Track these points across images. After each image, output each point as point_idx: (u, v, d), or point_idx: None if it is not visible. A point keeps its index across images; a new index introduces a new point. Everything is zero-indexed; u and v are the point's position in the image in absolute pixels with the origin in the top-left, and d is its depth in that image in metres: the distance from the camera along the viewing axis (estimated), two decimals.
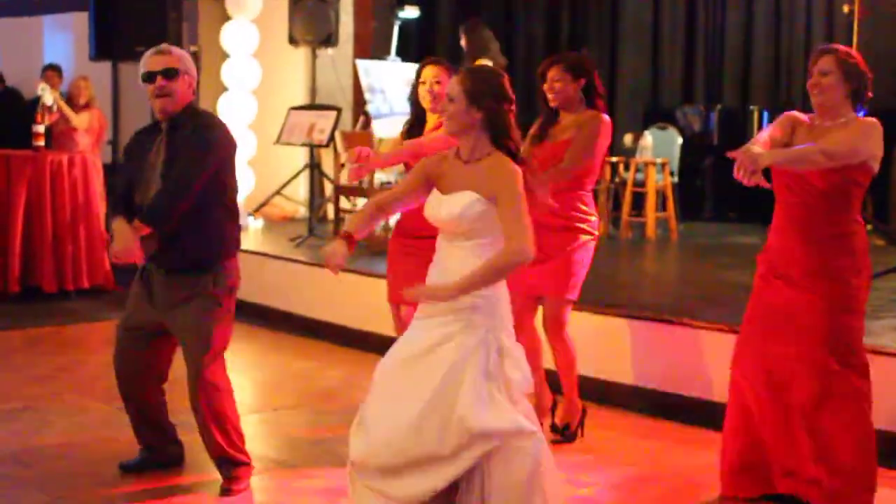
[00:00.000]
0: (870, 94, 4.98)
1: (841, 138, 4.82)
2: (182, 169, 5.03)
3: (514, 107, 4.29)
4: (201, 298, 5.13)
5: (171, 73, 5.10)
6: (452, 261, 4.22)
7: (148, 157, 5.15)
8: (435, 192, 4.30)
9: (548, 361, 6.06)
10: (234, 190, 5.29)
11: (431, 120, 5.82)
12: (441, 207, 4.23)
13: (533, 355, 5.89)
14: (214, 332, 5.14)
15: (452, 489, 4.08)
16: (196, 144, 5.06)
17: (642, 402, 6.66)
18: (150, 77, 5.11)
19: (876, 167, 4.93)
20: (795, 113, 5.13)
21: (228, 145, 5.17)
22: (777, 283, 5.03)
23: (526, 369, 4.24)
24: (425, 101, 5.80)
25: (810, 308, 4.92)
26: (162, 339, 5.33)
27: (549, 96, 5.88)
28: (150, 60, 5.15)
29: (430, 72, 5.81)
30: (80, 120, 10.55)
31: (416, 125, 5.90)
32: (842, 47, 5.05)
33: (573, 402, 6.05)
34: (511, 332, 4.25)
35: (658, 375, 6.64)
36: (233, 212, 5.27)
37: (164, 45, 5.27)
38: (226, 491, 5.18)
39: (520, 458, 4.07)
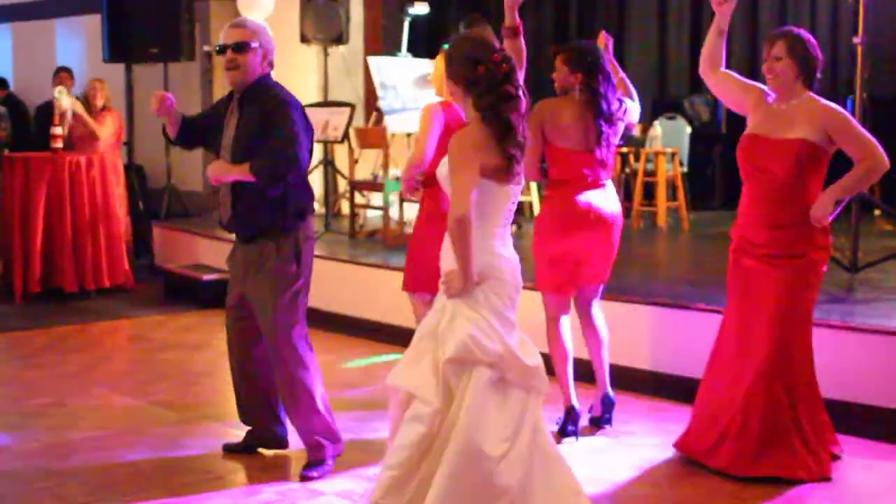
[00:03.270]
0: (818, 76, 5.39)
1: (855, 143, 5.23)
2: (281, 138, 5.13)
3: (486, 66, 4.23)
4: (267, 266, 5.30)
5: (240, 47, 5.23)
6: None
7: (222, 120, 5.37)
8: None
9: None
10: (307, 156, 5.38)
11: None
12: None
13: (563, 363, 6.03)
14: (279, 301, 5.29)
15: None
16: (279, 120, 5.15)
17: (657, 385, 6.81)
18: (221, 49, 5.29)
19: (832, 150, 5.29)
20: (765, 90, 5.46)
21: (299, 109, 5.28)
22: (744, 259, 5.40)
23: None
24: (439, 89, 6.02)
25: (774, 284, 5.26)
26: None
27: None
28: (225, 33, 5.32)
29: (440, 61, 6.02)
30: (103, 130, 10.63)
31: None
32: (794, 31, 5.41)
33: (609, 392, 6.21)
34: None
35: (673, 360, 6.77)
36: (307, 179, 5.42)
37: (240, 19, 5.48)
38: (305, 478, 5.33)
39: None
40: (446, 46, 4.54)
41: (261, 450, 5.72)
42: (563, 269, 5.83)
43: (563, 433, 5.89)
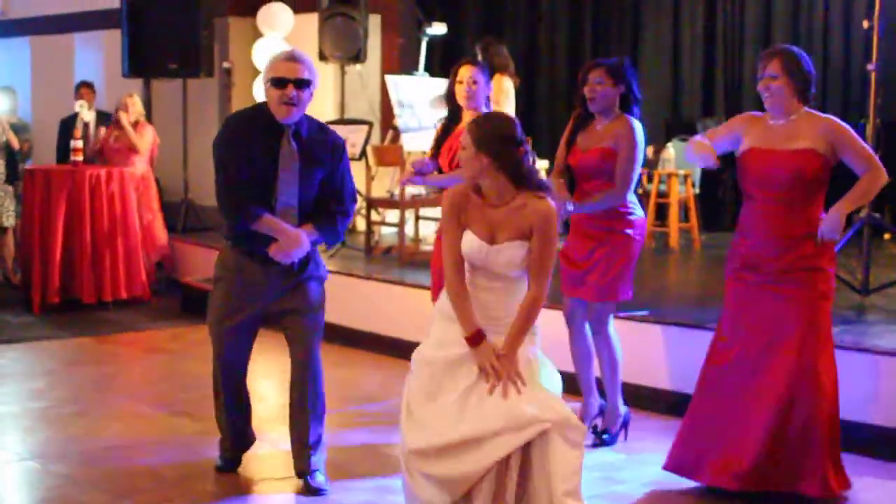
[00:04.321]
0: (813, 91, 5.38)
1: (854, 157, 5.28)
2: (347, 187, 5.38)
3: (523, 147, 4.55)
4: (310, 281, 5.43)
5: (303, 84, 5.18)
6: (495, 299, 4.57)
7: (273, 157, 5.23)
8: (474, 238, 4.54)
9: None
10: None
11: (467, 116, 6.13)
12: (490, 256, 4.51)
13: (584, 362, 6.19)
14: (321, 315, 5.46)
15: (502, 471, 4.35)
16: (343, 159, 5.36)
17: (668, 404, 6.90)
18: (281, 83, 5.16)
19: (834, 162, 5.34)
20: (752, 113, 5.59)
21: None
22: (751, 277, 5.41)
23: (557, 376, 4.63)
24: (462, 99, 6.14)
25: (789, 300, 5.29)
26: (258, 326, 5.59)
27: (589, 97, 6.03)
28: (283, 66, 5.21)
29: (466, 71, 6.19)
30: (142, 142, 10.76)
31: (451, 121, 6.24)
32: (787, 48, 5.45)
33: (615, 407, 6.32)
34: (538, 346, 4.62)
35: (684, 378, 6.86)
36: None
37: (296, 52, 5.35)
38: (317, 490, 5.40)
39: (568, 447, 4.35)
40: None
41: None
42: None
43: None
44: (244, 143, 5.27)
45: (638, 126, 6.05)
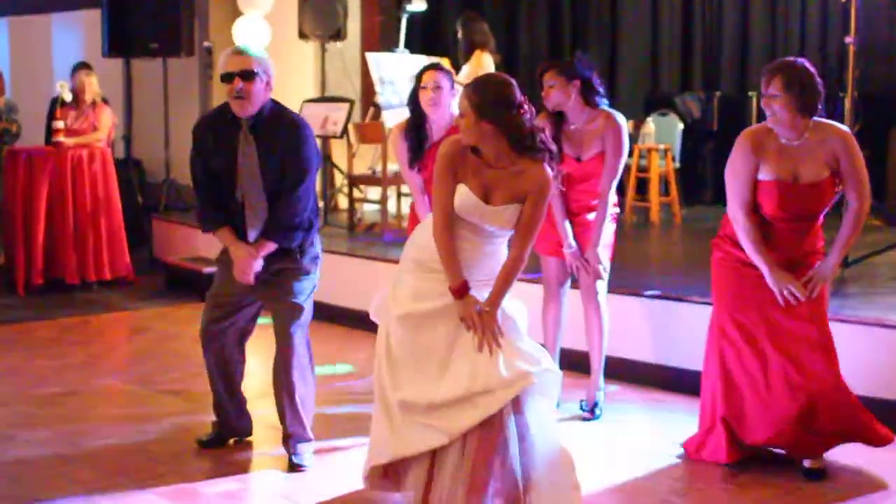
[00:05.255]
0: (820, 107, 5.23)
1: (853, 178, 5.24)
2: (296, 183, 5.32)
3: (523, 109, 4.59)
4: (291, 270, 5.45)
5: (248, 75, 5.24)
6: (481, 255, 4.68)
7: (234, 152, 5.32)
8: (469, 193, 4.60)
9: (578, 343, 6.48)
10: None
11: (435, 125, 6.17)
12: (487, 216, 4.60)
13: (553, 332, 6.34)
14: (304, 303, 5.47)
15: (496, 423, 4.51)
16: (300, 150, 5.33)
17: (652, 376, 6.99)
18: (228, 77, 5.26)
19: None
20: (756, 132, 5.37)
21: (310, 132, 5.39)
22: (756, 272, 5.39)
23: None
24: (426, 104, 6.15)
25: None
26: (246, 310, 5.63)
27: (544, 99, 6.14)
28: (228, 61, 5.32)
29: (430, 76, 6.17)
30: (101, 134, 10.68)
31: (415, 126, 6.23)
32: (790, 64, 5.25)
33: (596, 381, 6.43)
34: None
35: (667, 351, 6.94)
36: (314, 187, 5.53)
37: (241, 46, 5.46)
38: (298, 467, 5.47)
39: (546, 389, 4.63)
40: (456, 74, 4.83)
41: (231, 441, 5.87)
42: None
43: None
44: (206, 144, 5.42)
45: (623, 124, 6.16)
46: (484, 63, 10.16)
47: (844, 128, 5.33)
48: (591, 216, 6.19)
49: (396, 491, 4.83)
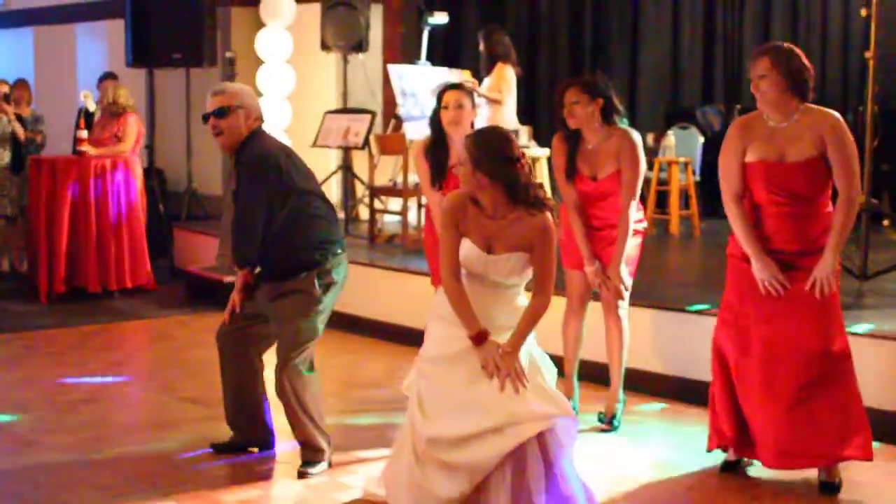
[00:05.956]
0: (811, 85, 5.25)
1: (841, 164, 5.17)
2: (240, 206, 5.47)
3: (521, 163, 4.67)
4: (295, 294, 5.50)
5: (222, 112, 5.48)
6: (491, 303, 4.74)
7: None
8: (472, 246, 4.70)
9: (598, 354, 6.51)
10: (309, 194, 5.58)
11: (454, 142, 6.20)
12: (490, 266, 4.69)
13: (573, 345, 6.37)
14: (302, 325, 5.49)
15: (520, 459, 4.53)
16: (246, 178, 5.48)
17: (669, 388, 7.01)
18: (206, 118, 5.53)
19: None
20: (744, 118, 5.46)
21: (267, 167, 5.43)
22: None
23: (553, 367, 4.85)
24: (447, 124, 6.22)
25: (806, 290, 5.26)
26: (260, 323, 5.70)
27: (569, 120, 6.13)
28: (208, 102, 5.54)
29: (451, 96, 6.24)
30: (126, 146, 10.72)
31: (436, 145, 6.29)
32: (776, 45, 5.34)
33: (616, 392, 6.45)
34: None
35: (684, 363, 6.96)
36: (316, 215, 5.56)
37: (219, 85, 5.71)
38: (302, 474, 5.51)
39: (568, 437, 4.61)
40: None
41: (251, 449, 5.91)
42: None
43: None
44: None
45: (638, 141, 6.18)
46: (506, 76, 10.19)
47: (835, 113, 5.29)
48: (615, 232, 6.22)
49: None
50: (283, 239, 5.47)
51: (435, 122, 6.26)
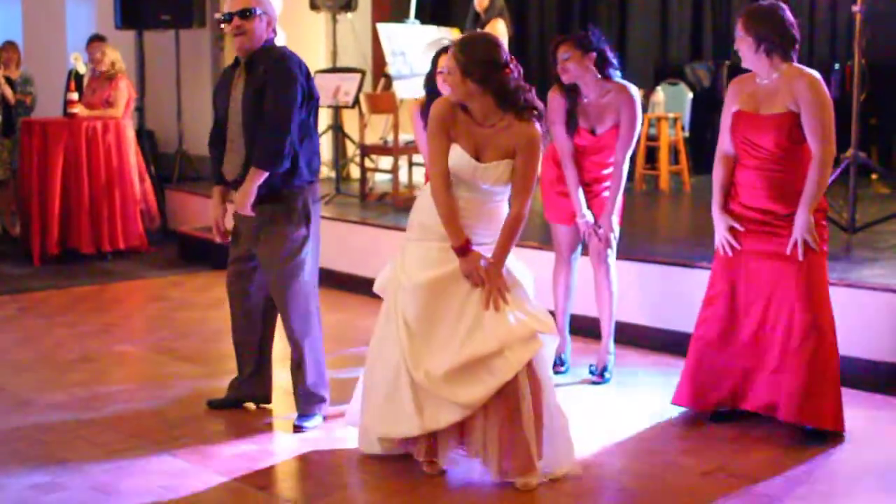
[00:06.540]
0: (796, 44, 5.34)
1: (812, 122, 5.21)
2: (274, 104, 5.36)
3: (510, 68, 4.71)
4: (278, 227, 5.52)
5: (246, 13, 5.40)
6: (475, 213, 4.80)
7: (230, 92, 5.53)
8: (463, 153, 4.74)
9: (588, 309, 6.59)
10: (317, 108, 5.61)
11: None
12: (479, 173, 4.73)
13: (563, 299, 6.44)
14: (290, 263, 5.53)
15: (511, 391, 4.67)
16: (279, 79, 5.38)
17: (658, 340, 7.09)
18: (227, 17, 5.45)
19: None
20: (739, 78, 5.56)
21: (297, 69, 5.43)
22: (750, 224, 5.47)
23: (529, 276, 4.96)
24: (443, 88, 6.24)
25: (786, 259, 5.36)
26: (256, 269, 5.72)
27: (563, 76, 6.16)
28: (226, 4, 5.51)
29: (445, 60, 6.23)
30: (117, 111, 10.72)
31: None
32: (751, 8, 5.39)
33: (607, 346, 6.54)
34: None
35: (675, 316, 7.02)
36: (307, 141, 5.55)
37: None
38: (297, 428, 5.58)
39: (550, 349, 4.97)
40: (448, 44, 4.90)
41: (247, 405, 5.96)
42: None
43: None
44: (216, 92, 5.72)
45: (637, 95, 6.22)
46: (499, 29, 10.19)
47: (813, 73, 5.32)
48: (605, 185, 6.27)
49: (406, 451, 4.95)
50: (296, 144, 5.47)
51: (430, 84, 6.29)
